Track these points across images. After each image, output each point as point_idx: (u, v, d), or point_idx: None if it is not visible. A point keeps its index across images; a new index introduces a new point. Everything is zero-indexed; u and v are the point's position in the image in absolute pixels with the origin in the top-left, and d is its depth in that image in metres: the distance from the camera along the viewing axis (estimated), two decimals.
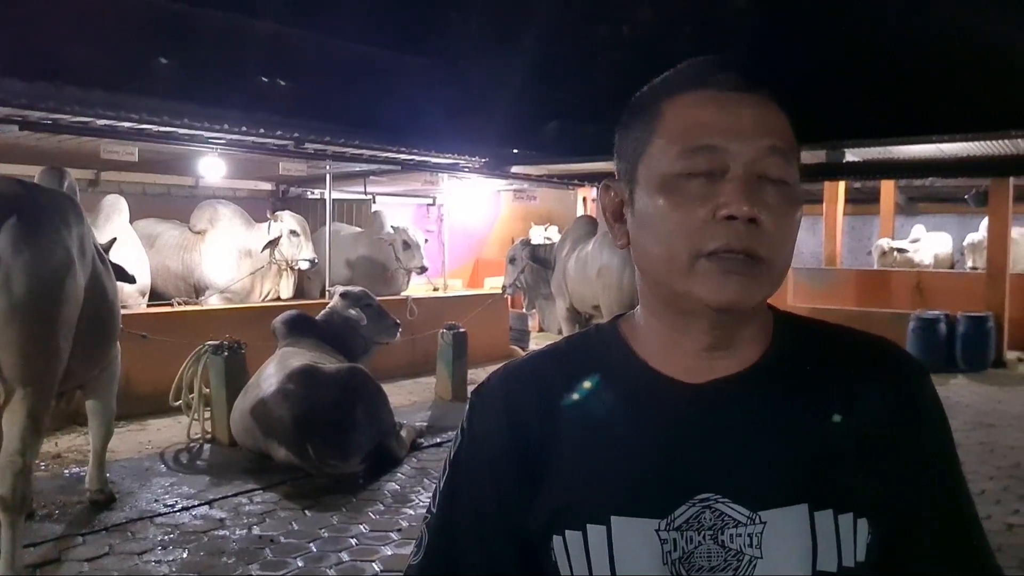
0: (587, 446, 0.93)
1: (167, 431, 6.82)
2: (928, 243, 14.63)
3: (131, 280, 5.75)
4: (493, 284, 12.00)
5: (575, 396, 0.96)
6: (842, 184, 12.42)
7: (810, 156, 8.67)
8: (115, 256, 5.60)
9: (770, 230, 0.87)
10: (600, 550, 0.90)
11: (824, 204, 12.96)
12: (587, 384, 0.96)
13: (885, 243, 13.92)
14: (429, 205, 13.06)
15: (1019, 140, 7.30)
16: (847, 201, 13.18)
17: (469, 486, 0.99)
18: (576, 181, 11.06)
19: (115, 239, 6.12)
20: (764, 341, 0.95)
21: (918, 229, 13.93)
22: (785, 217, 0.88)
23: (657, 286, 0.93)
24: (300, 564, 4.33)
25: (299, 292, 9.88)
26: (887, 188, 13.80)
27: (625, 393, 0.95)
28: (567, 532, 0.91)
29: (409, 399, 8.25)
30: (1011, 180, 10.60)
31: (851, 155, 8.37)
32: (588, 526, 0.90)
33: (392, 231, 10.35)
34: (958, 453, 0.98)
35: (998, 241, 10.87)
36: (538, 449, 0.95)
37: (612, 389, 0.95)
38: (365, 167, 9.47)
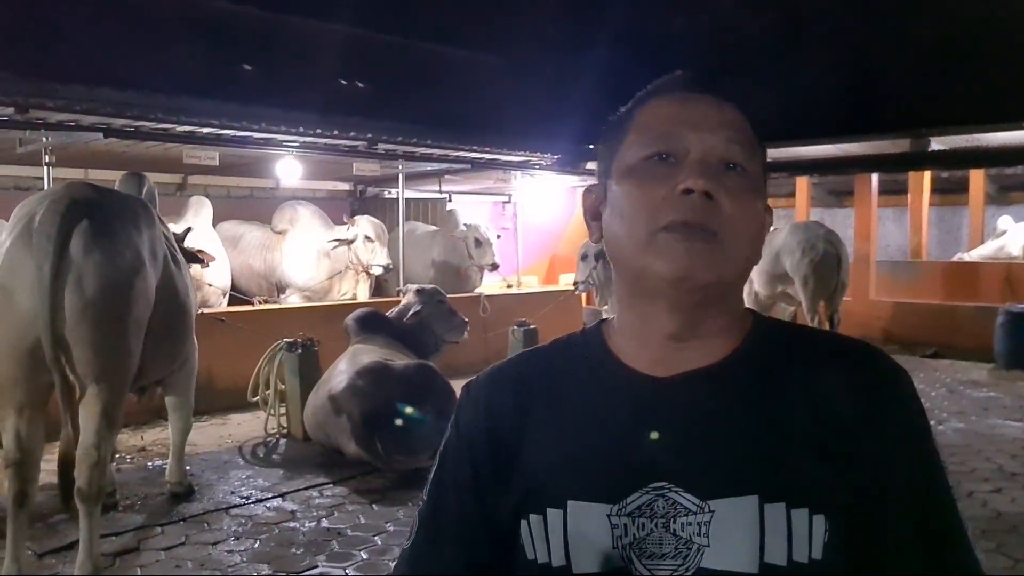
0: (553, 436, 0.98)
1: (246, 426, 7.05)
2: (1018, 234, 14.02)
3: (201, 262, 5.97)
4: (567, 281, 12.00)
5: (548, 388, 1.02)
6: (927, 174, 12.02)
7: (893, 146, 8.43)
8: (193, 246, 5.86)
9: (727, 210, 0.92)
10: (557, 533, 0.94)
11: (909, 195, 12.56)
12: (561, 377, 1.03)
13: None
14: (505, 203, 13.12)
15: None
16: (933, 191, 12.73)
17: (452, 475, 1.05)
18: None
19: (190, 228, 6.36)
20: (736, 338, 0.99)
21: (1005, 220, 13.37)
22: (744, 202, 0.94)
23: (622, 270, 0.99)
24: (364, 556, 4.43)
25: (378, 290, 10.06)
26: (976, 177, 13.27)
27: (594, 386, 1.00)
28: (531, 516, 0.96)
29: None
30: None
31: (936, 143, 8.10)
32: (548, 510, 0.95)
33: (465, 229, 10.45)
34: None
35: None
36: (511, 437, 1.00)
37: (583, 383, 1.01)
38: (436, 166, 9.57)
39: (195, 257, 5.79)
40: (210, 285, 8.56)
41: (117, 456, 5.88)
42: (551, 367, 1.05)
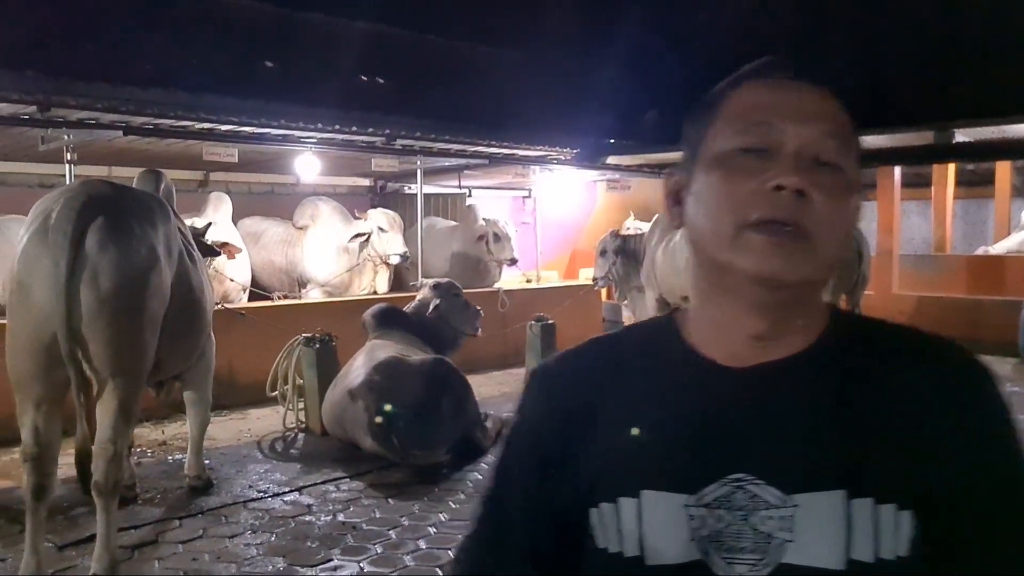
0: (624, 423, 0.96)
1: (266, 420, 7.09)
2: None
3: (217, 254, 6.03)
4: (587, 275, 11.97)
5: (620, 376, 1.00)
6: (952, 166, 11.87)
7: (918, 138, 8.32)
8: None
9: (819, 208, 0.88)
10: (630, 523, 0.92)
11: (933, 187, 12.41)
12: (632, 366, 1.01)
13: None
14: (525, 197, 13.11)
15: None
16: (958, 184, 12.58)
17: (517, 461, 1.04)
18: (669, 170, 10.92)
19: (211, 223, 6.42)
20: (815, 332, 0.96)
21: None
22: (837, 200, 0.90)
23: (704, 263, 0.95)
24: (379, 550, 4.45)
25: (399, 286, 10.09)
26: (1002, 170, 13.06)
27: (667, 376, 0.98)
28: (602, 505, 0.95)
29: (499, 390, 8.33)
30: None
31: (961, 135, 8.00)
32: (620, 499, 0.93)
33: (484, 223, 10.45)
34: None
35: None
36: (578, 427, 0.99)
37: (655, 372, 0.99)
38: (454, 162, 9.58)
39: (213, 250, 5.85)
40: (231, 280, 8.64)
41: (137, 450, 5.95)
42: (623, 354, 1.04)
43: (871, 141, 8.72)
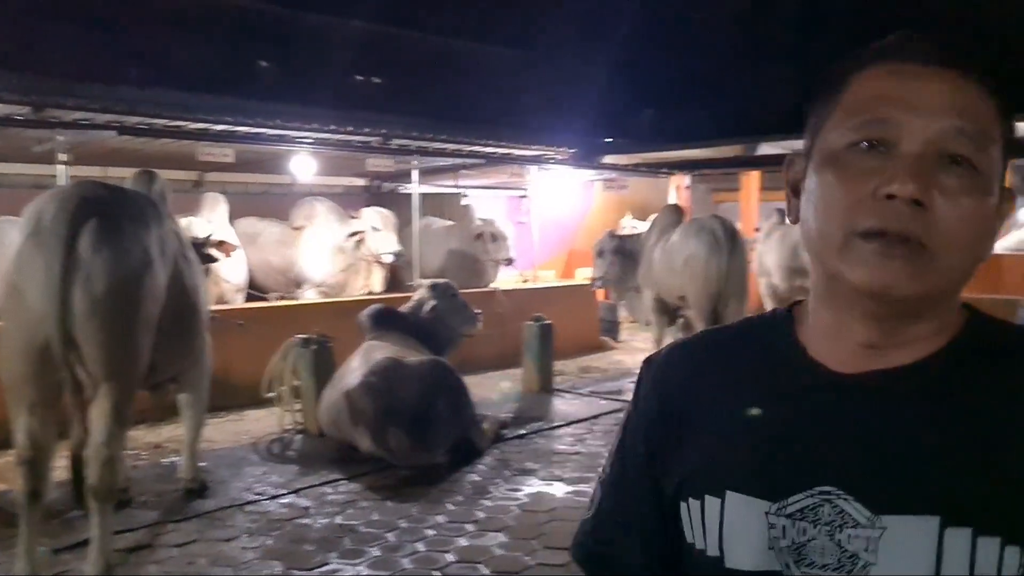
0: (721, 421, 0.93)
1: (263, 422, 7.05)
2: None
3: (214, 260, 6.02)
4: (584, 275, 11.96)
5: (725, 370, 0.97)
6: None
7: None
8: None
9: (943, 216, 0.80)
10: (713, 522, 0.91)
11: None
12: (741, 360, 0.97)
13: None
14: (521, 197, 13.09)
15: None
16: None
17: (630, 448, 1.03)
18: (665, 170, 10.90)
19: (222, 241, 6.41)
20: (943, 339, 0.88)
21: None
22: (967, 206, 0.81)
23: (817, 266, 0.90)
24: (377, 553, 4.42)
25: (395, 286, 10.06)
26: None
27: (771, 373, 0.94)
28: (690, 500, 0.93)
29: (496, 390, 8.31)
30: None
31: None
32: (706, 497, 0.91)
33: (480, 223, 10.43)
34: None
35: None
36: (681, 414, 0.97)
37: (762, 370, 0.95)
38: (450, 161, 9.55)
39: (211, 257, 5.83)
40: (227, 282, 8.60)
41: (132, 452, 5.90)
42: (732, 349, 1.00)
43: None
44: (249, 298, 9.14)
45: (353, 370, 6.06)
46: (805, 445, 0.87)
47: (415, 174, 9.59)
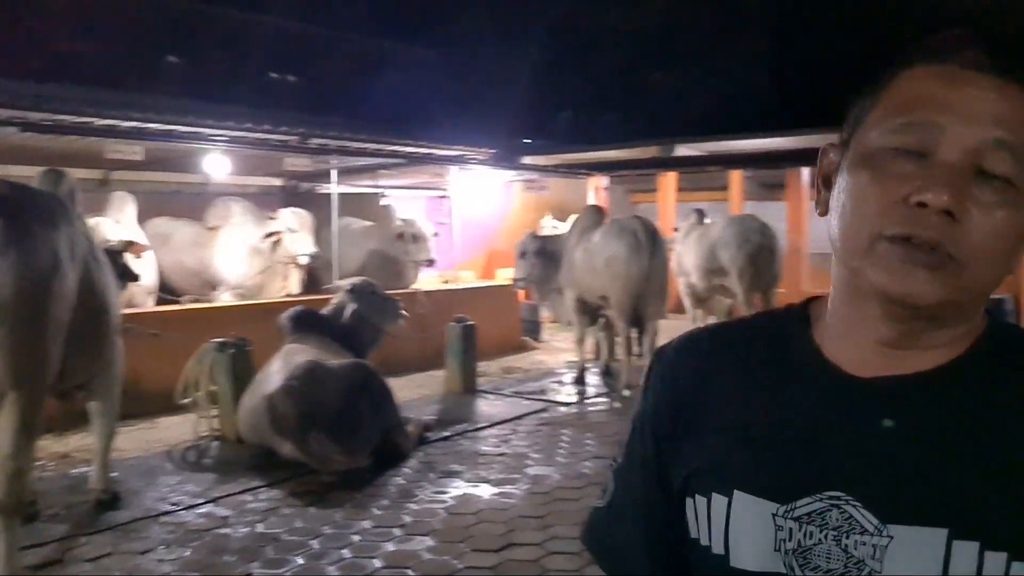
0: (732, 418, 0.92)
1: (176, 429, 6.82)
2: None
3: (135, 278, 5.79)
4: (505, 276, 11.96)
5: (739, 366, 0.96)
6: None
7: (822, 140, 8.54)
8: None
9: (972, 229, 0.78)
10: (719, 520, 0.90)
11: None
12: (755, 356, 0.96)
13: None
14: (441, 197, 13.02)
15: None
16: None
17: (641, 442, 1.02)
18: (584, 171, 10.98)
19: (132, 242, 6.17)
20: (962, 347, 0.86)
21: None
22: (1001, 219, 0.78)
23: (839, 263, 0.88)
24: (301, 562, 4.31)
25: (313, 287, 9.87)
26: None
27: (784, 373, 0.92)
28: (697, 496, 0.92)
29: (419, 392, 8.23)
30: None
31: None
32: (713, 495, 0.90)
33: (401, 224, 10.34)
34: None
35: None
36: (690, 409, 0.96)
37: (773, 366, 0.93)
38: (370, 161, 9.43)
39: (131, 273, 5.62)
40: (137, 284, 8.30)
41: (39, 463, 5.63)
42: (747, 345, 0.98)
43: (779, 143, 8.78)
44: (160, 301, 8.85)
45: (273, 374, 5.91)
46: (816, 449, 0.86)
47: (334, 174, 9.42)
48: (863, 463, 0.83)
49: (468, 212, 12.65)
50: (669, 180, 13.54)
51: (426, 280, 11.24)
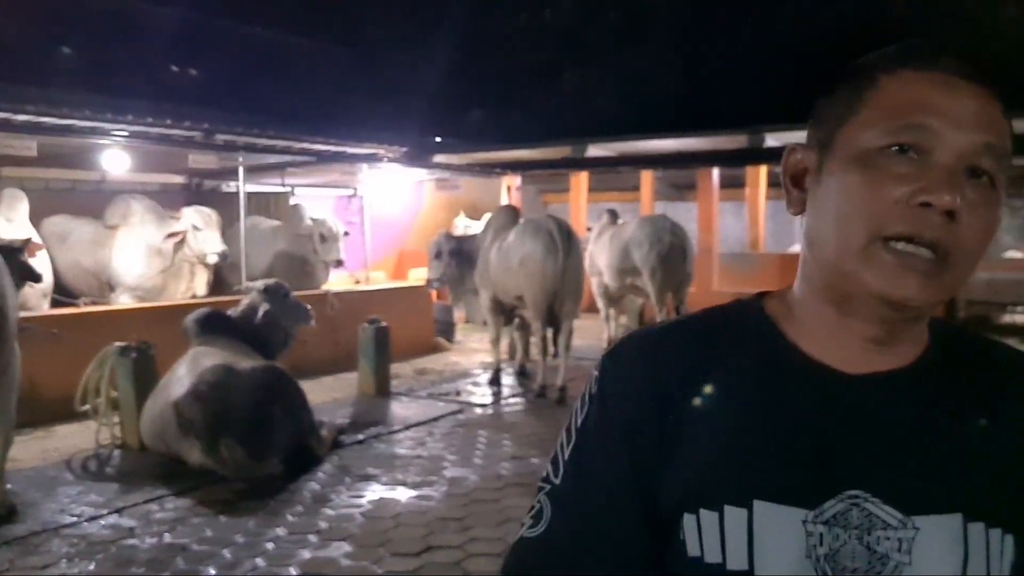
0: (731, 424, 0.89)
1: (75, 437, 6.52)
2: None
3: (38, 279, 5.51)
4: (417, 276, 11.85)
5: (719, 370, 0.91)
6: (763, 169, 12.56)
7: (731, 141, 8.73)
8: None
9: (966, 229, 0.81)
10: (738, 535, 0.85)
11: (747, 189, 13.09)
12: (732, 360, 0.92)
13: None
14: (351, 196, 12.82)
15: None
16: (769, 186, 13.33)
17: (602, 456, 0.92)
18: (499, 169, 10.97)
19: (29, 239, 5.86)
20: (922, 341, 0.91)
21: None
22: (985, 219, 0.83)
23: (824, 264, 0.88)
24: (213, 572, 4.15)
25: (219, 288, 9.59)
26: None
27: (773, 374, 0.90)
28: (701, 511, 0.87)
29: (331, 396, 8.06)
30: None
31: (772, 140, 8.43)
32: (726, 507, 0.86)
33: (311, 223, 10.13)
34: None
35: None
36: (677, 418, 0.90)
37: (759, 368, 0.91)
38: (279, 159, 9.21)
39: (31, 273, 5.34)
40: (30, 286, 7.90)
41: None
42: (717, 343, 0.94)
43: (689, 144, 8.92)
44: (55, 303, 8.45)
45: (180, 378, 5.70)
46: (827, 449, 0.86)
47: (241, 171, 9.16)
48: (876, 459, 0.85)
49: (379, 211, 12.49)
50: (581, 180, 13.65)
51: (337, 281, 11.05)
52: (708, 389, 0.90)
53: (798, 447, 0.86)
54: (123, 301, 8.83)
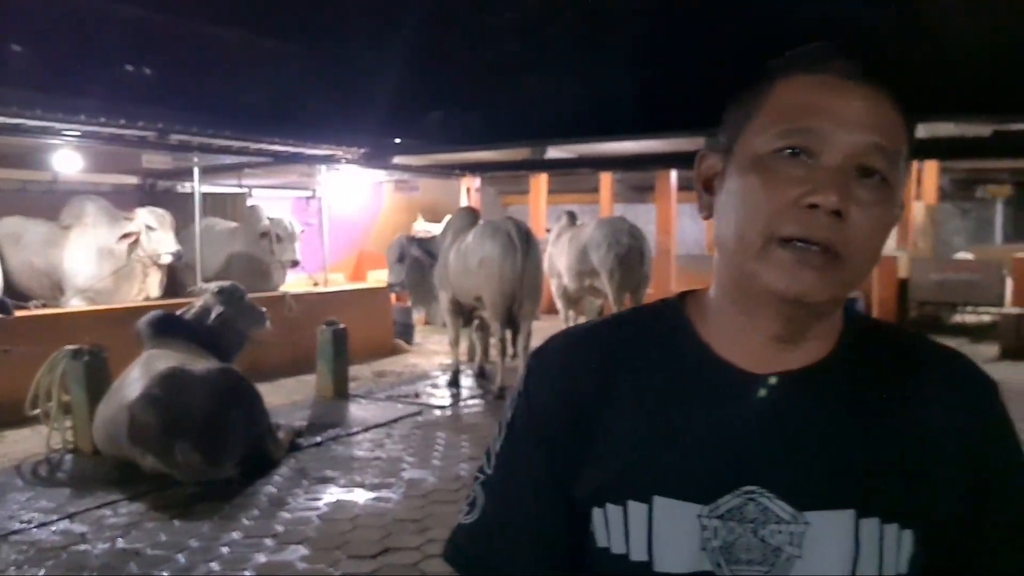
0: (638, 421, 0.92)
1: (25, 443, 6.41)
2: None
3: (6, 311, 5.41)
4: (376, 278, 11.80)
5: (633, 369, 0.95)
6: None
7: (690, 144, 8.80)
8: None
9: (856, 227, 0.83)
10: (639, 528, 0.89)
11: None
12: (646, 359, 0.95)
13: None
14: (309, 198, 12.72)
15: None
16: None
17: (525, 450, 0.98)
18: (458, 171, 10.96)
19: None
20: (832, 338, 0.93)
21: None
22: (875, 216, 0.85)
23: (728, 265, 0.91)
24: None
25: (173, 290, 9.45)
26: None
27: (682, 374, 0.93)
28: (608, 505, 0.91)
29: (289, 398, 8.00)
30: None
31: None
32: (630, 502, 0.90)
33: (268, 224, 10.03)
34: None
35: None
36: (591, 415, 0.94)
37: (670, 368, 0.94)
38: (235, 159, 9.11)
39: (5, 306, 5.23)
40: None
41: None
42: (633, 343, 0.97)
43: (648, 146, 9.02)
44: (18, 298, 8.27)
45: (133, 381, 5.62)
46: (727, 447, 0.89)
47: (196, 172, 9.05)
48: (772, 456, 0.88)
49: (338, 213, 12.41)
50: (540, 182, 13.68)
51: (296, 283, 10.96)
52: (621, 388, 0.94)
53: (700, 445, 0.89)
54: (74, 303, 8.68)
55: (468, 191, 12.52)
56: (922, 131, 7.88)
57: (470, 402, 8.14)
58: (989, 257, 13.39)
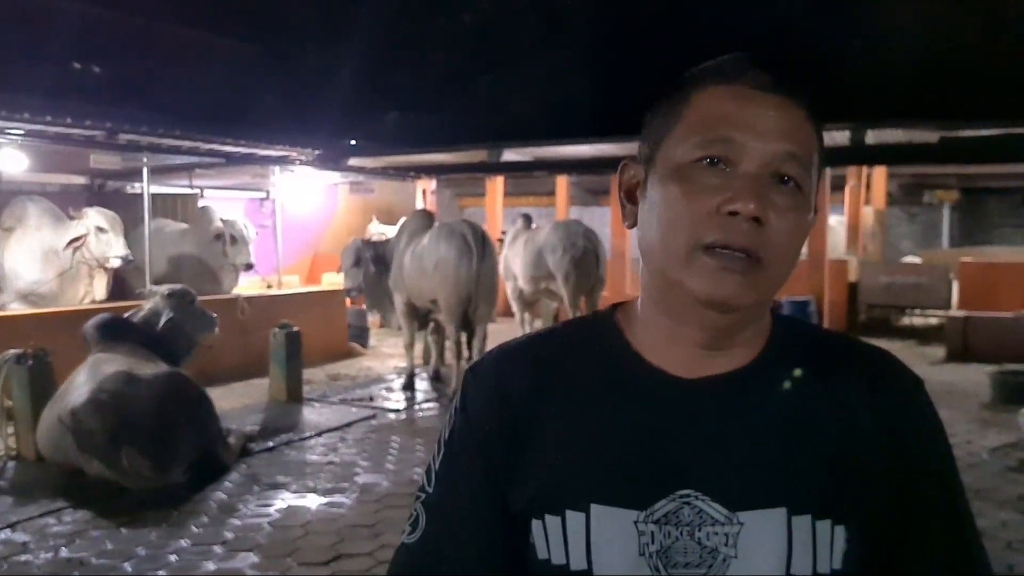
0: (572, 431, 0.93)
1: None
2: None
3: None
4: (331, 280, 11.69)
5: (566, 379, 0.96)
6: None
7: (630, 148, 8.86)
8: None
9: (775, 232, 0.86)
10: (577, 537, 0.90)
11: None
12: (578, 369, 0.97)
13: None
14: (263, 199, 12.58)
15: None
16: None
17: (464, 465, 0.98)
18: (413, 173, 10.90)
19: None
20: (761, 343, 0.96)
21: None
22: (793, 222, 0.87)
23: (655, 273, 0.93)
24: None
25: (120, 293, 9.27)
26: None
27: (614, 382, 0.95)
28: (546, 516, 0.92)
29: (241, 402, 7.88)
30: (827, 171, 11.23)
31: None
32: (567, 512, 0.91)
33: (220, 225, 9.89)
34: None
35: (818, 228, 11.48)
36: (526, 427, 0.95)
37: (602, 377, 0.95)
38: (187, 159, 8.97)
39: None
40: None
41: None
42: (569, 357, 0.98)
43: (603, 149, 9.02)
44: None
45: (79, 386, 5.48)
46: (661, 452, 0.90)
47: (145, 172, 8.88)
48: (705, 459, 0.90)
49: (292, 214, 12.29)
50: (496, 184, 13.68)
51: (249, 285, 10.82)
52: (554, 400, 0.95)
53: (634, 451, 0.91)
54: (13, 307, 8.46)
55: (424, 193, 12.46)
56: (871, 137, 8.01)
57: (425, 406, 8.09)
58: (936, 261, 13.68)
